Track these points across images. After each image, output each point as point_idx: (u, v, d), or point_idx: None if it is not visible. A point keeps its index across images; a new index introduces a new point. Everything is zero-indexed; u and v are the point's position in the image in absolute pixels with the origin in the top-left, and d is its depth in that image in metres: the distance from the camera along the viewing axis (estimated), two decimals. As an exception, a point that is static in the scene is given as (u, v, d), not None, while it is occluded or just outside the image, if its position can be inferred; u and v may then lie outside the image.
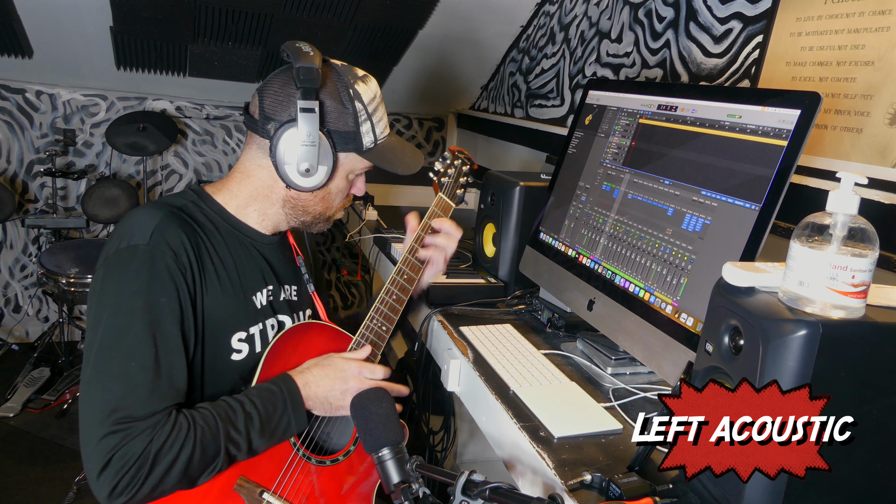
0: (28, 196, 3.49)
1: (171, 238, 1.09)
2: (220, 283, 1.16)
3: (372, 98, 1.21)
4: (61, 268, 2.89)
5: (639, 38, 2.17)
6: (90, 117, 3.49)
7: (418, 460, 0.88)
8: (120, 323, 1.04)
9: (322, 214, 1.26)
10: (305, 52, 1.13)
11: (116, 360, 1.02)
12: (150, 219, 1.09)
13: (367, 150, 1.22)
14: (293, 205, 1.23)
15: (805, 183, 1.38)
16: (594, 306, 1.37)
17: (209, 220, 1.19)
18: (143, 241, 1.07)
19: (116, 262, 1.07)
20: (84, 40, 2.93)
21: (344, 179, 1.24)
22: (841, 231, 0.74)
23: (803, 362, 0.71)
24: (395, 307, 1.34)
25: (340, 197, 1.27)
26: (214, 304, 1.14)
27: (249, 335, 1.20)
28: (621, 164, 1.42)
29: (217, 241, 1.18)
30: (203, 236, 1.15)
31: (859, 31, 1.40)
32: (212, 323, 1.14)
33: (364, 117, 1.20)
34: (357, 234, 2.54)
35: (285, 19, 2.83)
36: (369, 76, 1.25)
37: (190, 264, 1.10)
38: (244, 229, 1.23)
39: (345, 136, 1.19)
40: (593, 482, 0.94)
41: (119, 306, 1.04)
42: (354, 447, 1.26)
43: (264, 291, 1.24)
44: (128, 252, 1.07)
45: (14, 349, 3.41)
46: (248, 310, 1.21)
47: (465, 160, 1.57)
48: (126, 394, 1.00)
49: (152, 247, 1.06)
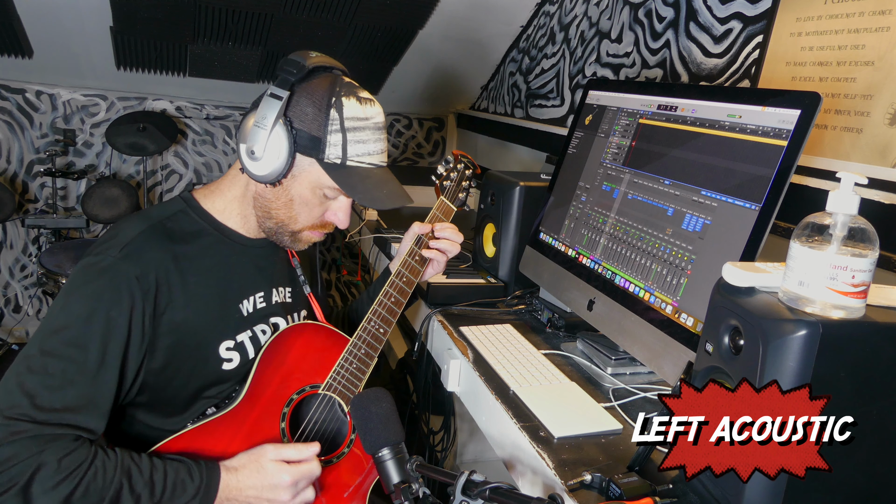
0: (28, 196, 3.49)
1: (143, 256, 1.08)
2: (199, 295, 1.14)
3: (357, 117, 1.14)
4: (61, 268, 2.89)
5: (639, 38, 2.17)
6: (90, 117, 3.49)
7: (418, 460, 0.88)
8: (62, 322, 1.02)
9: (285, 224, 1.20)
10: (307, 52, 1.14)
11: (43, 358, 1.00)
12: (130, 233, 1.10)
13: (329, 163, 1.14)
14: (260, 204, 1.19)
15: (805, 183, 1.38)
16: (594, 306, 1.37)
17: (195, 229, 1.18)
18: (114, 254, 1.07)
19: (84, 267, 1.07)
20: (84, 40, 2.93)
21: (309, 190, 1.16)
22: (841, 231, 0.74)
23: (803, 362, 0.71)
24: (394, 310, 1.33)
25: (306, 211, 1.19)
26: (193, 317, 1.13)
27: (238, 343, 1.19)
28: (621, 164, 1.42)
29: (202, 251, 1.16)
30: (186, 248, 1.14)
31: (859, 31, 1.40)
32: (191, 336, 1.13)
33: (335, 128, 1.13)
34: (357, 234, 2.54)
35: (285, 19, 2.83)
36: (374, 102, 1.18)
37: (157, 283, 1.08)
38: (231, 234, 1.22)
39: (308, 137, 1.13)
40: (593, 482, 0.94)
41: (66, 306, 1.04)
42: (349, 449, 1.26)
43: (252, 298, 1.23)
44: (95, 261, 1.07)
45: (14, 349, 3.41)
46: (233, 318, 1.19)
47: (469, 164, 1.57)
48: (35, 391, 0.97)
49: (119, 261, 1.06)
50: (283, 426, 1.19)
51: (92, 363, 1.02)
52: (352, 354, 1.27)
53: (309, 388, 1.24)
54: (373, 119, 1.17)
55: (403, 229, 1.49)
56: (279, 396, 1.20)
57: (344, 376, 1.26)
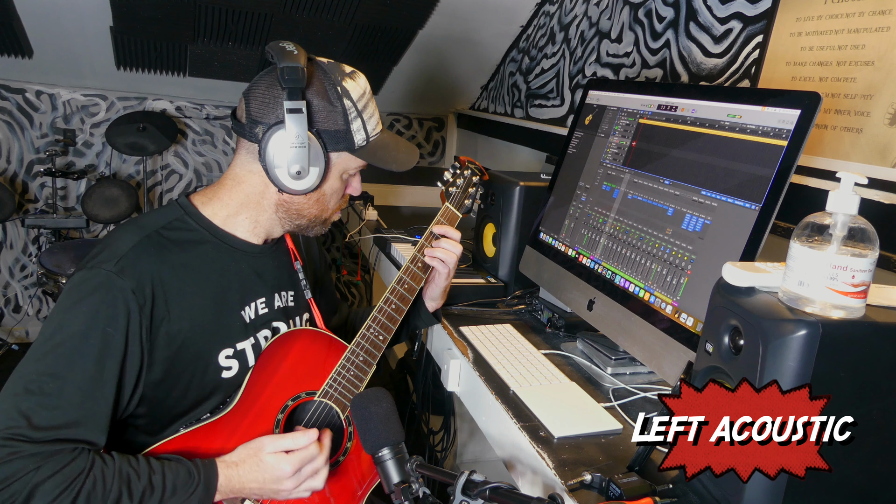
0: (28, 196, 3.49)
1: (138, 267, 1.07)
2: (197, 305, 1.13)
3: (361, 94, 1.17)
4: (61, 268, 2.89)
5: (639, 38, 2.17)
6: (90, 117, 3.49)
7: (418, 460, 0.88)
8: (57, 340, 1.01)
9: (318, 217, 1.23)
10: (289, 51, 1.11)
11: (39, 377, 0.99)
12: (124, 245, 1.08)
13: (359, 148, 1.18)
14: (286, 209, 1.20)
15: (805, 183, 1.38)
16: (594, 306, 1.37)
17: (193, 238, 1.16)
18: (108, 268, 1.05)
19: (78, 283, 1.06)
20: (84, 40, 2.93)
21: (338, 180, 1.21)
22: (841, 231, 0.74)
23: (803, 362, 0.71)
24: (394, 317, 1.31)
25: (336, 198, 1.24)
26: (190, 327, 1.12)
27: (238, 351, 1.19)
28: (621, 164, 1.42)
29: (200, 259, 1.15)
30: (183, 256, 1.13)
31: (859, 31, 1.40)
32: (190, 346, 1.12)
33: (354, 115, 1.16)
34: (357, 234, 2.54)
35: (285, 19, 2.83)
36: (357, 72, 1.21)
37: (153, 295, 1.07)
38: (232, 241, 1.20)
39: (335, 135, 1.15)
40: (593, 482, 0.94)
41: (62, 323, 1.02)
42: (344, 457, 1.25)
43: (253, 305, 1.22)
44: (91, 273, 1.05)
45: (14, 349, 3.41)
46: (233, 326, 1.18)
47: (476, 171, 1.53)
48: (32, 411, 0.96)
49: (114, 275, 1.05)
50: (276, 433, 1.18)
51: (89, 380, 1.01)
52: (349, 361, 1.25)
53: (304, 394, 1.22)
54: (367, 90, 1.21)
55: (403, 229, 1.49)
56: (274, 402, 1.19)
57: (340, 383, 1.24)
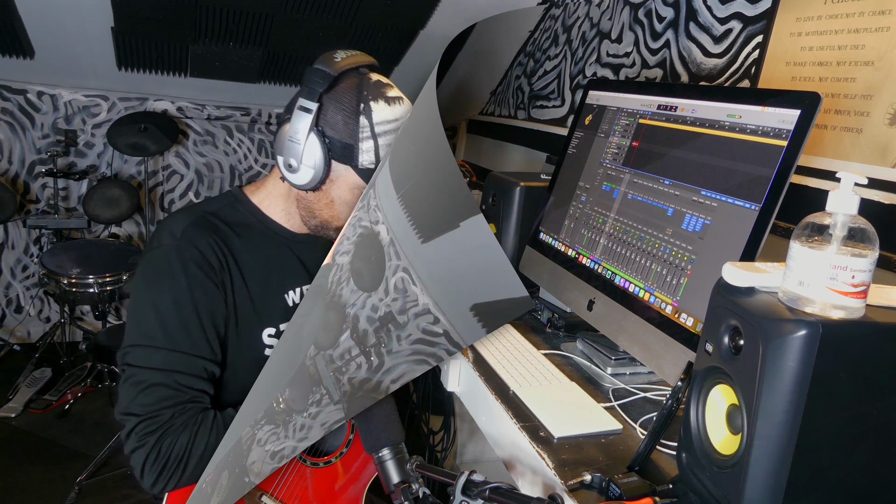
0: (30, 196, 3.49)
1: (199, 240, 1.16)
2: (248, 281, 1.21)
3: (386, 121, 1.15)
4: (63, 268, 2.90)
5: (639, 38, 2.17)
6: (91, 118, 3.49)
7: (418, 460, 0.88)
8: (156, 321, 1.11)
9: (328, 222, 1.25)
10: (331, 56, 1.15)
11: (161, 354, 1.09)
12: (180, 224, 1.18)
13: (363, 169, 1.17)
14: (301, 204, 1.25)
15: (805, 183, 1.38)
16: (594, 306, 1.37)
17: (243, 221, 1.25)
18: (171, 242, 1.14)
19: (150, 263, 1.15)
20: (85, 41, 2.94)
21: (348, 192, 1.20)
22: (841, 231, 0.73)
23: (803, 362, 0.71)
24: None
25: (347, 210, 1.23)
26: (242, 302, 1.20)
27: (280, 332, 1.24)
28: (621, 164, 1.42)
29: (249, 241, 1.23)
30: (234, 237, 1.21)
31: (859, 31, 1.40)
32: (240, 319, 1.20)
33: (366, 135, 1.15)
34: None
35: (286, 19, 2.83)
36: (403, 100, 1.18)
37: (217, 264, 1.16)
38: (276, 228, 1.28)
39: (342, 146, 1.16)
40: (593, 482, 0.94)
41: (154, 305, 1.12)
42: (347, 449, 1.26)
43: (297, 290, 1.29)
44: (159, 253, 1.15)
45: (16, 349, 3.42)
46: (277, 307, 1.25)
47: (465, 173, 1.56)
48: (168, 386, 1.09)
49: (181, 247, 1.14)
50: None
51: (200, 342, 1.13)
52: None
53: None
54: (402, 119, 1.17)
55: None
56: None
57: None
